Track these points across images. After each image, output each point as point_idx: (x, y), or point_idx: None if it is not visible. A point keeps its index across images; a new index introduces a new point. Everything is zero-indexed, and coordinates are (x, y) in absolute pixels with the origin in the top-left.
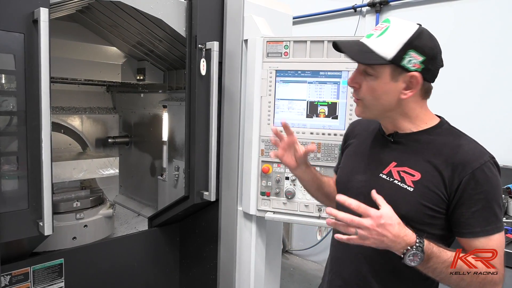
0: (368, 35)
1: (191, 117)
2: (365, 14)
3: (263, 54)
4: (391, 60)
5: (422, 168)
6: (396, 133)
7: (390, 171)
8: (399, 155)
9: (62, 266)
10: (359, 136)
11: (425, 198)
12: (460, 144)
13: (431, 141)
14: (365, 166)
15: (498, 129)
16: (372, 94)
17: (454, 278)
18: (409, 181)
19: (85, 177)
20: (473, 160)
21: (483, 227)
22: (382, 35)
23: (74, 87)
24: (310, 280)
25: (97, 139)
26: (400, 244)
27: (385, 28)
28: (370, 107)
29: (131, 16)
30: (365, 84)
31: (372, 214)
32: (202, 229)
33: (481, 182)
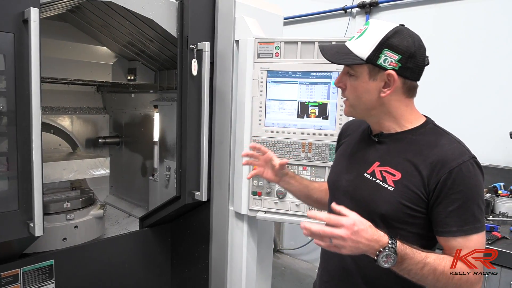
0: (351, 38)
1: (183, 117)
2: (355, 15)
3: (254, 55)
4: (366, 60)
5: (402, 167)
6: (381, 133)
7: (373, 170)
8: (382, 155)
9: (52, 267)
10: (351, 136)
11: (405, 198)
12: (441, 144)
13: (413, 141)
14: (351, 166)
15: (486, 128)
16: (354, 93)
17: (430, 279)
18: (390, 181)
19: (75, 177)
20: (452, 159)
21: (460, 227)
22: (361, 36)
23: (63, 87)
24: (301, 279)
25: (87, 139)
26: (374, 247)
27: (364, 30)
28: (355, 107)
29: (122, 16)
30: (348, 84)
31: (344, 223)
32: (193, 229)
33: (458, 182)
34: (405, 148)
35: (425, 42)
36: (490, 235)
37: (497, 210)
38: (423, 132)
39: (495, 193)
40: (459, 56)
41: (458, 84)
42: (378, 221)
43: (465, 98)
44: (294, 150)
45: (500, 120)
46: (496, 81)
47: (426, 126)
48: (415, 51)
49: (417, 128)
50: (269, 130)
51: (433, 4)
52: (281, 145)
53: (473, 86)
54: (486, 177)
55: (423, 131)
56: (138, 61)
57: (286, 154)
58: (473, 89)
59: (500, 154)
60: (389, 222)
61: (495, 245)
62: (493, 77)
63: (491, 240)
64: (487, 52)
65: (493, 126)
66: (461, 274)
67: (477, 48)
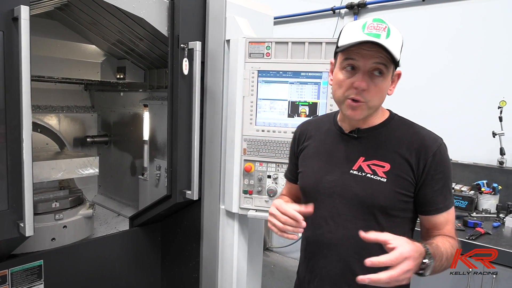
0: (375, 34)
1: (174, 116)
2: (344, 16)
3: (245, 55)
4: (398, 60)
5: (389, 158)
6: (358, 129)
7: (360, 166)
8: (365, 150)
9: (41, 268)
10: (314, 138)
11: (398, 186)
12: (416, 131)
13: (390, 132)
14: (332, 166)
15: (470, 128)
16: (379, 93)
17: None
18: (381, 173)
19: (64, 177)
20: (431, 143)
21: (444, 203)
22: (389, 36)
23: (50, 85)
24: (291, 276)
25: (75, 138)
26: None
27: (387, 30)
28: (373, 108)
29: (111, 14)
30: (373, 85)
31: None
32: (184, 228)
33: (440, 163)
34: (386, 139)
35: (411, 42)
36: (474, 231)
37: (480, 207)
38: (394, 123)
39: (478, 190)
40: (444, 57)
41: (444, 84)
42: (377, 213)
43: (450, 99)
44: (284, 149)
45: (484, 120)
46: (480, 82)
47: (394, 117)
48: None
49: (387, 120)
50: (260, 129)
51: (419, 6)
52: (271, 144)
53: (458, 87)
54: (469, 175)
55: (394, 123)
56: (128, 59)
57: (277, 153)
58: (458, 90)
59: (483, 152)
60: (387, 212)
61: (479, 240)
62: (477, 78)
63: (474, 235)
64: (473, 53)
65: (477, 125)
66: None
67: (463, 49)
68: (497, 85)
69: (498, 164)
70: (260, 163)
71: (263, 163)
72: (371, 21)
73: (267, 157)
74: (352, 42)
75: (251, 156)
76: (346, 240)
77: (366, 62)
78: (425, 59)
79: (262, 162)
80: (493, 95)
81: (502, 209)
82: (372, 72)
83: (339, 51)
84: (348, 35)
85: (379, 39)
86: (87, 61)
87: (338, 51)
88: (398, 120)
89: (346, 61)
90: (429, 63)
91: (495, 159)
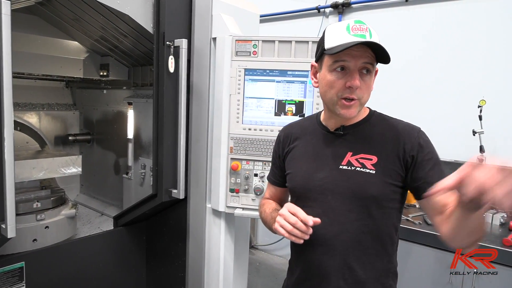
0: (361, 35)
1: (159, 114)
2: (328, 15)
3: (232, 53)
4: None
5: (375, 151)
6: (342, 126)
7: (349, 160)
8: (351, 145)
9: (23, 270)
10: (300, 139)
11: (387, 176)
12: (396, 124)
13: (372, 127)
14: (321, 164)
15: (451, 126)
16: (369, 90)
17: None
18: (369, 165)
19: (45, 176)
20: (411, 132)
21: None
22: (372, 36)
23: (30, 82)
24: (276, 274)
25: (56, 136)
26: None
27: (369, 30)
28: (363, 104)
29: (94, 10)
30: (363, 83)
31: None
32: (170, 227)
33: (425, 146)
34: (370, 134)
35: (394, 41)
36: None
37: None
38: (374, 119)
39: None
40: (426, 56)
41: (425, 84)
42: (370, 204)
43: (431, 98)
44: (271, 148)
45: (464, 118)
46: (460, 81)
47: (374, 113)
48: None
49: (369, 116)
50: (246, 128)
51: (403, 6)
52: (258, 142)
53: (439, 87)
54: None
55: (375, 118)
56: (111, 56)
57: (264, 151)
58: (439, 89)
59: (463, 150)
60: (379, 203)
61: None
62: (458, 78)
63: None
64: (453, 53)
65: (457, 124)
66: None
67: (443, 49)
68: (476, 85)
69: (478, 162)
70: (246, 161)
71: (250, 162)
72: (353, 23)
73: (254, 155)
74: (342, 43)
75: (238, 155)
76: (340, 235)
77: (356, 62)
78: (407, 59)
79: (248, 161)
80: (473, 95)
81: None
82: (360, 70)
83: (330, 53)
84: (335, 38)
85: (365, 39)
86: (69, 57)
87: (328, 53)
88: (378, 115)
89: (336, 63)
90: (410, 63)
91: (475, 157)
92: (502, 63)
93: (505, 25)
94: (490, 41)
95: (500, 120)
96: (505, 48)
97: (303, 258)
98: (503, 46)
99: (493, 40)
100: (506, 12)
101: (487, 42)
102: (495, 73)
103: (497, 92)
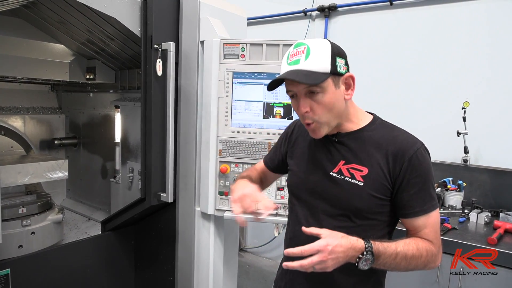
0: (295, 61)
1: (147, 118)
2: (315, 18)
3: (220, 56)
4: (331, 72)
5: (367, 162)
6: (338, 133)
7: (340, 169)
8: (345, 154)
9: (8, 277)
10: (302, 137)
11: (374, 190)
12: (395, 136)
13: (370, 137)
14: (315, 167)
15: (436, 128)
16: (325, 108)
17: (403, 265)
18: (359, 177)
19: (31, 181)
20: (408, 148)
21: (421, 207)
22: (309, 56)
23: (14, 86)
24: (265, 276)
25: (41, 140)
26: (352, 255)
27: (306, 50)
28: (328, 123)
29: (81, 13)
30: (315, 103)
31: (318, 248)
32: (158, 231)
33: (416, 167)
34: (365, 144)
35: (381, 44)
36: (442, 226)
37: (446, 203)
38: (375, 128)
39: (445, 187)
40: (412, 58)
41: (410, 86)
42: (351, 215)
43: (416, 100)
44: (260, 150)
45: (448, 120)
46: (444, 83)
47: (376, 122)
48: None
49: (369, 124)
50: (235, 131)
51: (387, 10)
52: (247, 145)
53: (424, 89)
54: (436, 173)
55: (375, 127)
56: (98, 59)
57: (252, 154)
58: (424, 91)
59: (448, 151)
60: (362, 215)
61: (447, 235)
62: (442, 80)
63: (443, 231)
64: (437, 56)
65: (442, 126)
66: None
67: (428, 52)
68: (460, 87)
69: (463, 162)
70: (235, 164)
71: (239, 164)
72: (292, 49)
73: (243, 158)
74: (278, 76)
75: (227, 158)
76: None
77: (298, 89)
78: (392, 61)
79: (237, 163)
80: (457, 96)
81: (467, 205)
82: (310, 92)
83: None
84: (281, 69)
85: (298, 64)
86: (55, 61)
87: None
88: (380, 124)
89: (288, 92)
90: (396, 65)
91: (460, 157)
92: (485, 64)
93: (488, 28)
94: (473, 43)
95: (484, 121)
96: (488, 50)
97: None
98: (486, 48)
99: (476, 42)
100: (489, 15)
101: (470, 44)
102: (478, 75)
103: (480, 94)
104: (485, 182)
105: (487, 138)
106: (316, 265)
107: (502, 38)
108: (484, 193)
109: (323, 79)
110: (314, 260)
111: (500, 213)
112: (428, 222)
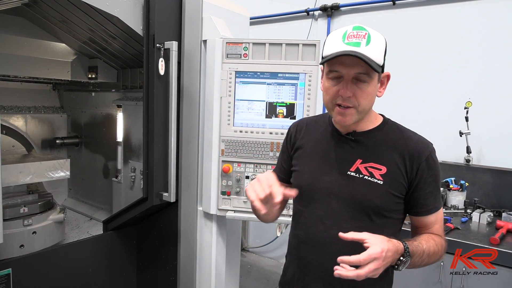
0: (355, 43)
1: (150, 117)
2: (317, 17)
3: (223, 55)
4: (382, 66)
5: (385, 161)
6: (354, 132)
7: (357, 168)
8: (362, 152)
9: (9, 277)
10: (310, 137)
11: (393, 188)
12: (409, 136)
13: (384, 136)
14: (329, 166)
15: (439, 128)
16: (368, 98)
17: (425, 261)
18: (378, 175)
19: (33, 180)
20: (424, 149)
21: (434, 205)
22: (370, 43)
23: (16, 85)
24: (267, 276)
25: (43, 140)
26: (395, 258)
27: (367, 36)
28: (363, 112)
29: (83, 11)
30: (360, 91)
31: (376, 255)
32: (160, 230)
33: (432, 167)
34: (381, 143)
35: None
36: (444, 226)
37: (449, 203)
38: (388, 128)
39: (447, 187)
40: (414, 59)
41: (413, 86)
42: (372, 214)
43: (419, 100)
44: (262, 150)
45: (451, 120)
46: (447, 83)
47: (388, 122)
48: None
49: (382, 124)
50: (238, 130)
51: (390, 9)
52: (249, 144)
53: (427, 89)
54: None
55: (388, 127)
56: (100, 58)
57: (255, 153)
58: (427, 91)
59: (451, 151)
60: (381, 213)
61: (449, 235)
62: (444, 79)
63: (445, 231)
64: (440, 55)
65: (445, 125)
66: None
67: (430, 51)
68: (463, 87)
69: (465, 162)
70: (238, 163)
71: (241, 164)
72: (351, 29)
73: (245, 157)
74: (332, 53)
75: (229, 157)
76: (340, 239)
77: (348, 71)
78: (395, 61)
79: (240, 163)
80: (460, 96)
81: (469, 204)
82: (356, 79)
83: (323, 62)
84: (330, 46)
85: (359, 47)
86: (57, 60)
87: (322, 62)
88: (391, 124)
89: (331, 72)
90: (398, 65)
91: (462, 157)
92: (488, 64)
93: (491, 28)
94: (476, 43)
95: (487, 121)
96: (491, 50)
97: (299, 257)
98: (489, 48)
99: (479, 42)
100: (492, 15)
101: (474, 44)
102: (481, 75)
103: (483, 94)
104: (488, 182)
105: (489, 138)
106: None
107: (505, 38)
108: (486, 193)
109: (378, 70)
110: (371, 268)
111: (502, 213)
112: (438, 218)
